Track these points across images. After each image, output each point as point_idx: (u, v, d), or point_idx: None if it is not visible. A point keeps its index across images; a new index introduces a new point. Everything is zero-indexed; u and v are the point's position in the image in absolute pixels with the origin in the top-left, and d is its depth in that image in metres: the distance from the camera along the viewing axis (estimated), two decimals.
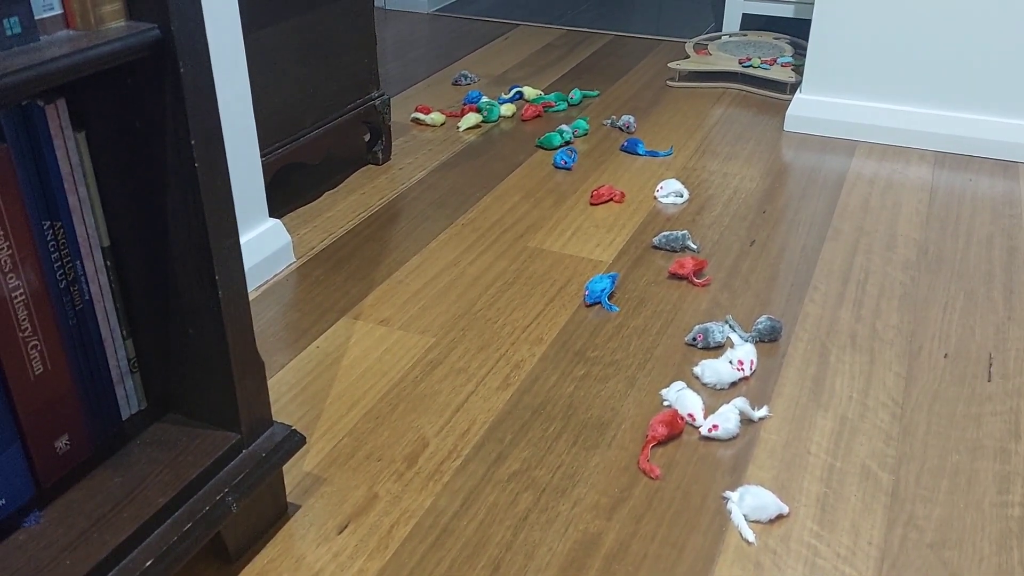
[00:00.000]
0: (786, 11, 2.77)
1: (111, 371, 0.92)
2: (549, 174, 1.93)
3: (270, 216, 1.58)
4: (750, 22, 2.87)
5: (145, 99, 0.81)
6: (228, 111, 1.42)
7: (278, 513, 1.06)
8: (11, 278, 0.78)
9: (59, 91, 0.80)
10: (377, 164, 1.98)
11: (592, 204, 1.79)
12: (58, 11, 0.72)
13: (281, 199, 1.83)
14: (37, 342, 0.82)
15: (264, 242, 1.54)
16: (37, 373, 0.82)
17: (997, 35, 1.90)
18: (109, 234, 0.89)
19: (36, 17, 0.70)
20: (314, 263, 1.60)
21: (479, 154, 2.03)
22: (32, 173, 0.79)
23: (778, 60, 2.43)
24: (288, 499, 1.09)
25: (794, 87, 2.28)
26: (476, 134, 2.14)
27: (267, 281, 1.55)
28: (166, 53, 0.77)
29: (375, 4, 2.02)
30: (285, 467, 1.12)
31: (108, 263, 0.89)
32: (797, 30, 2.67)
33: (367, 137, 1.99)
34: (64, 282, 0.84)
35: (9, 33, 0.68)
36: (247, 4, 1.51)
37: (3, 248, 0.77)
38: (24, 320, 0.80)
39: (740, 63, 2.42)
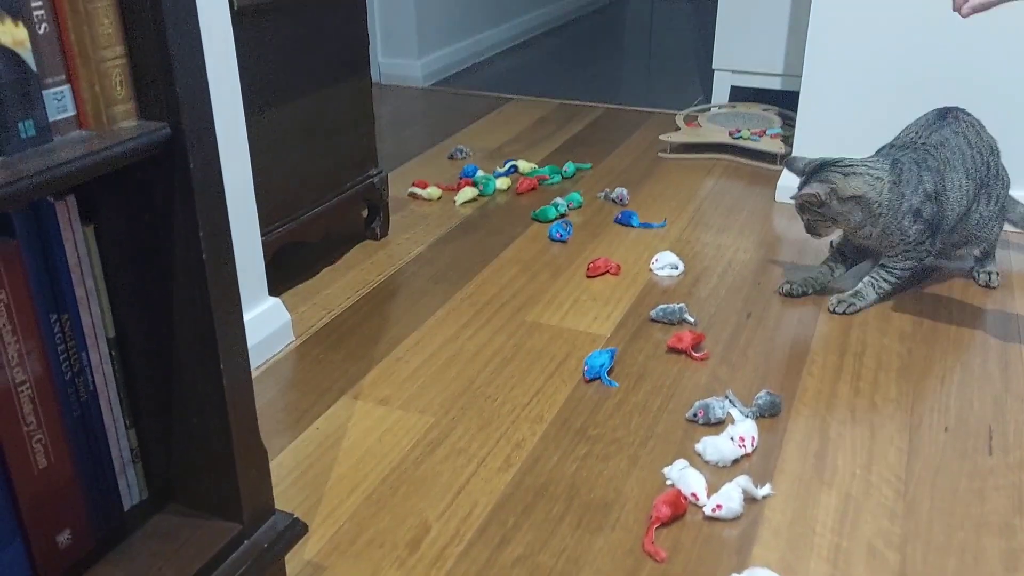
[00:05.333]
0: (773, 84, 2.83)
1: (114, 462, 0.91)
2: (545, 247, 1.95)
3: (270, 295, 1.59)
4: (738, 94, 2.93)
5: (154, 193, 0.82)
6: (230, 193, 1.44)
7: None
8: (17, 371, 0.78)
9: (70, 187, 0.82)
10: (375, 239, 1.99)
11: (588, 276, 1.81)
12: (71, 112, 0.74)
13: (280, 276, 1.84)
14: (41, 436, 0.81)
15: (264, 321, 1.54)
16: (40, 468, 0.82)
17: (981, 102, 1.95)
18: (115, 324, 0.89)
19: (50, 119, 0.72)
20: (313, 341, 1.60)
21: (476, 228, 2.05)
22: (41, 267, 0.79)
23: (767, 131, 2.48)
24: None
25: (784, 158, 2.32)
26: (472, 208, 2.16)
27: (267, 360, 1.55)
28: (176, 150, 0.79)
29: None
30: (286, 556, 1.10)
31: (113, 353, 0.89)
32: (784, 102, 2.73)
33: (365, 213, 2.01)
34: (69, 374, 0.84)
35: (24, 136, 0.70)
36: (249, 87, 1.54)
37: (10, 343, 0.77)
38: (28, 414, 0.80)
39: (730, 135, 2.47)
